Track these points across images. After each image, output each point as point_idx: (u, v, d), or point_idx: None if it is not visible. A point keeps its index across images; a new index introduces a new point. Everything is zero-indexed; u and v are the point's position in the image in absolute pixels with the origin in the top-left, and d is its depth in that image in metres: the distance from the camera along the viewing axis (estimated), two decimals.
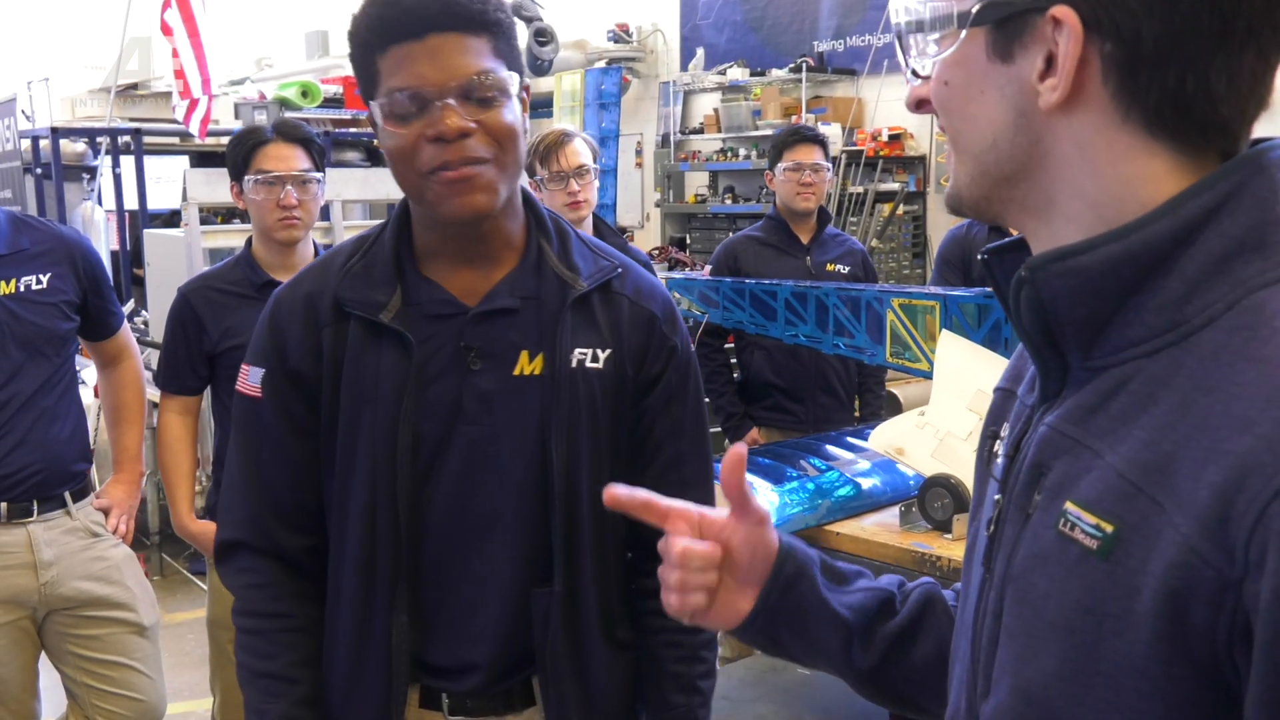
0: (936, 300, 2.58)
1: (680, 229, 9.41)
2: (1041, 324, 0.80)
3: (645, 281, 1.54)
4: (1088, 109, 0.77)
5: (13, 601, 2.49)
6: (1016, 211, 0.84)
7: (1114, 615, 0.72)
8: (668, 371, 1.52)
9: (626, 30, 10.05)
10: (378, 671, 1.46)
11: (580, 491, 1.45)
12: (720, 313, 3.09)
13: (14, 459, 2.43)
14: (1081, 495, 0.75)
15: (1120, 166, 0.77)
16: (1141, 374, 0.75)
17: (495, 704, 1.50)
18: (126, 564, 2.65)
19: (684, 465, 1.54)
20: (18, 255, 2.47)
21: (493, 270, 1.46)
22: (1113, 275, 0.76)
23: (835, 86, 8.61)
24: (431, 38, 1.32)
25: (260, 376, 1.48)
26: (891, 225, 7.67)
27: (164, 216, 6.51)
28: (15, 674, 2.53)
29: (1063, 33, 0.75)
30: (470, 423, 1.43)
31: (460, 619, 1.47)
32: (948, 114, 0.84)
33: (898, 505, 2.34)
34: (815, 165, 3.68)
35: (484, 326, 1.44)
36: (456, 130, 1.32)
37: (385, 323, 1.42)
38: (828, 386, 3.75)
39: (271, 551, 1.50)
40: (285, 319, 1.48)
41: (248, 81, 8.80)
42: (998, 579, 0.84)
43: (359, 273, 1.45)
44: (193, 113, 5.86)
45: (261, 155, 2.67)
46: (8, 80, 7.86)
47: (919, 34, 0.84)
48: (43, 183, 6.68)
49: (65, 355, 2.55)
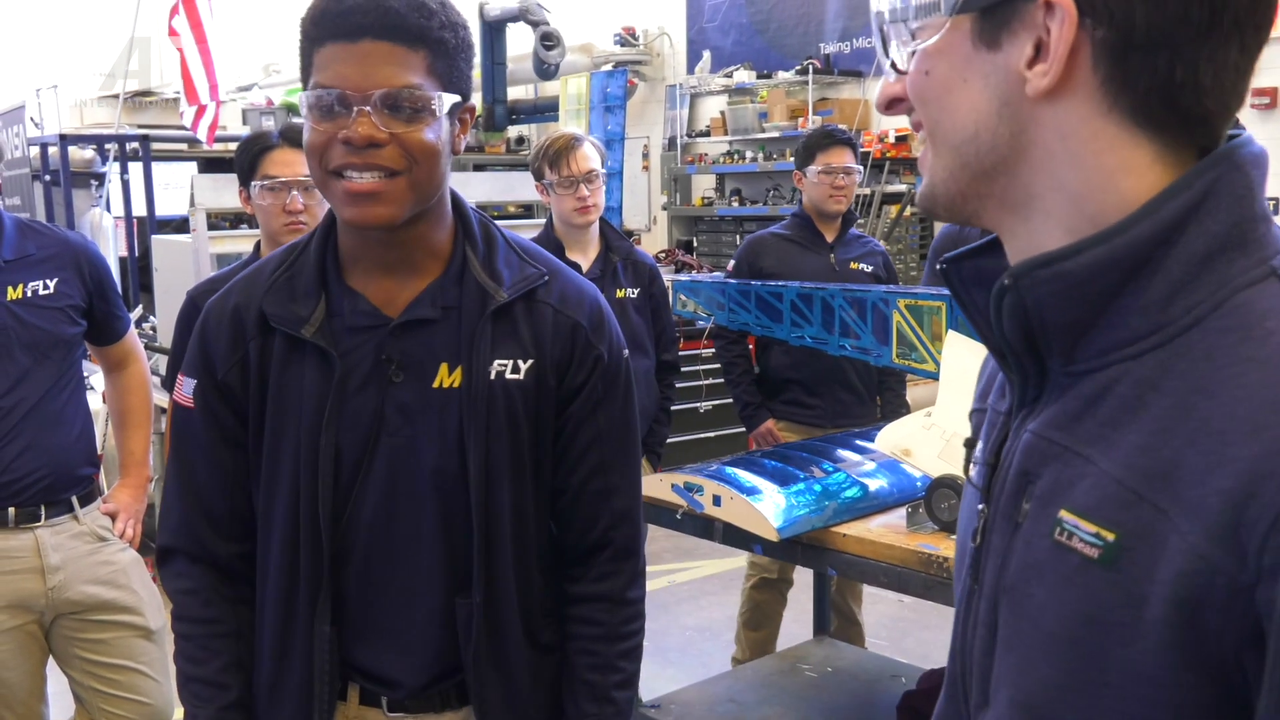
0: (942, 301, 2.57)
1: (687, 232, 9.41)
2: (1023, 331, 0.79)
3: (573, 288, 1.52)
4: (1074, 97, 0.76)
5: (20, 606, 2.50)
6: (994, 208, 0.83)
7: (1119, 624, 0.71)
8: (592, 379, 1.50)
9: (632, 33, 10.07)
10: (300, 680, 1.47)
11: (500, 502, 1.45)
12: (726, 315, 3.08)
13: (21, 464, 2.44)
14: (1077, 503, 0.74)
15: (1103, 157, 0.76)
16: (1128, 377, 0.74)
17: (432, 703, 1.52)
18: (133, 568, 2.66)
19: (610, 472, 1.53)
20: (24, 260, 2.47)
21: (415, 279, 1.45)
22: (1097, 279, 0.75)
23: (841, 88, 8.61)
24: (364, 43, 1.32)
25: (193, 388, 1.50)
26: (898, 227, 7.66)
27: (175, 223, 6.52)
28: (23, 678, 2.53)
29: (1055, 17, 0.74)
30: (391, 434, 1.43)
31: (388, 628, 1.48)
32: (926, 105, 0.83)
33: (904, 507, 2.34)
34: (848, 168, 3.68)
35: (404, 338, 1.43)
36: (364, 139, 1.32)
37: (306, 338, 1.42)
38: (846, 382, 3.74)
39: (205, 558, 1.52)
40: (214, 331, 1.49)
41: (255, 88, 8.83)
42: (988, 589, 0.83)
43: (283, 285, 1.46)
44: (200, 119, 5.88)
45: (268, 161, 2.68)
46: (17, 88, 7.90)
47: (900, 24, 0.83)
48: (51, 189, 6.71)
49: (72, 360, 2.55)
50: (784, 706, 2.88)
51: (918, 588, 2.18)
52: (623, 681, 1.55)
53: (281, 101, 7.78)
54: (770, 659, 3.35)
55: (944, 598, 2.19)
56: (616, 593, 1.55)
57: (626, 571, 1.56)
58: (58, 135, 6.52)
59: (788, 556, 2.41)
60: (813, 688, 3.01)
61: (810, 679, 3.06)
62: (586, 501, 1.54)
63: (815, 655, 3.23)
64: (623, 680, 1.55)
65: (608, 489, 1.53)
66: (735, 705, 2.91)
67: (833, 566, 2.33)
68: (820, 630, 3.48)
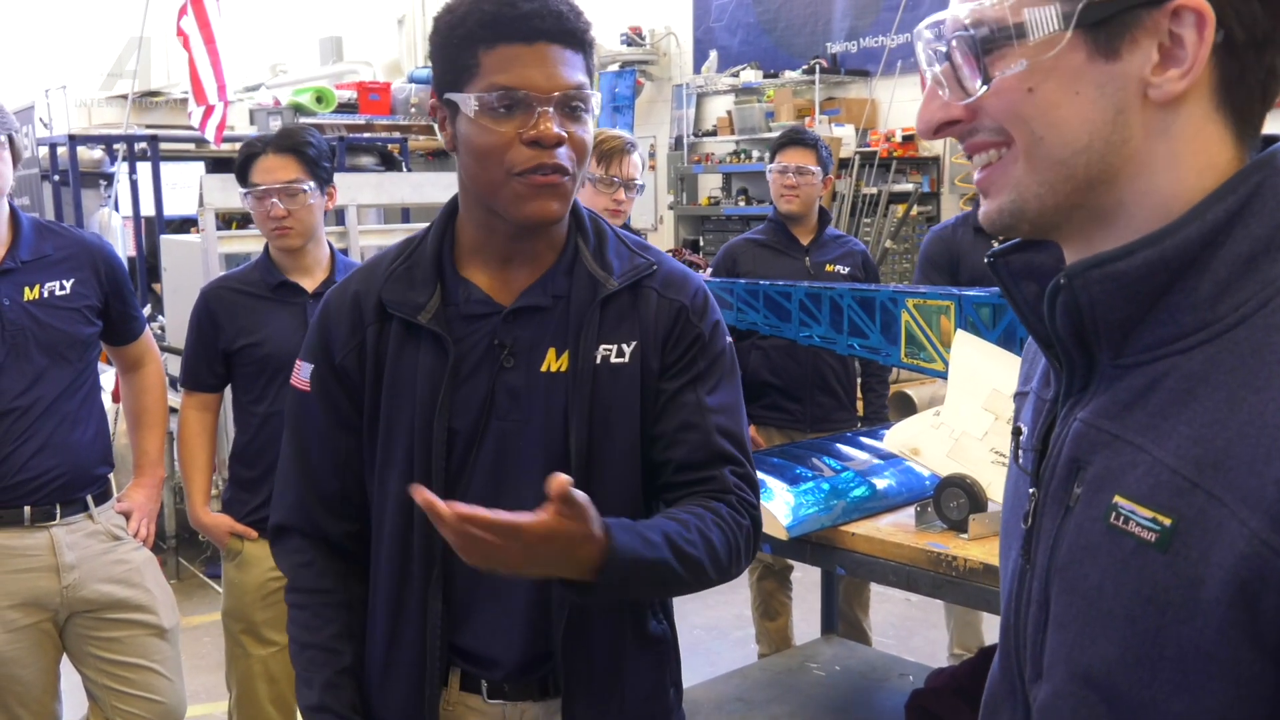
0: (951, 300, 2.58)
1: (694, 231, 9.41)
2: (1075, 326, 0.83)
3: (677, 273, 1.57)
4: (1192, 100, 0.79)
5: (35, 604, 2.51)
6: (1082, 218, 0.84)
7: (1176, 604, 0.75)
8: (690, 354, 1.51)
9: (639, 33, 10.06)
10: (412, 656, 1.52)
11: (604, 484, 1.47)
12: (734, 314, 3.09)
13: (37, 463, 2.46)
14: (1131, 490, 0.79)
15: (1198, 158, 0.80)
16: (1176, 371, 0.78)
17: (531, 689, 1.54)
18: (147, 567, 2.68)
19: (712, 446, 1.48)
20: (41, 261, 2.49)
21: (529, 270, 1.51)
22: (1148, 279, 0.79)
23: (849, 88, 8.61)
24: (541, 45, 1.37)
25: (310, 372, 1.56)
26: (905, 226, 7.66)
27: (174, 223, 6.54)
28: (37, 676, 2.55)
29: (1187, 22, 0.76)
30: (501, 418, 1.49)
31: (493, 608, 1.52)
32: (1028, 122, 0.82)
33: (913, 505, 2.34)
34: (800, 168, 3.69)
35: (516, 324, 1.49)
36: (555, 138, 1.37)
37: (423, 324, 1.47)
38: (825, 385, 3.77)
39: (316, 535, 1.59)
40: (334, 318, 1.55)
41: (263, 88, 8.85)
42: (1040, 569, 0.87)
43: (401, 274, 1.52)
44: (208, 119, 5.89)
45: (254, 168, 2.72)
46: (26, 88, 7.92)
47: (992, 43, 0.82)
48: (60, 189, 6.73)
49: (88, 360, 2.57)
50: (792, 705, 2.89)
51: (927, 586, 2.19)
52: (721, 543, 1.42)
53: (289, 101, 7.79)
54: (778, 657, 3.36)
55: (953, 597, 2.20)
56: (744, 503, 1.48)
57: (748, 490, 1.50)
58: (67, 135, 6.54)
59: (797, 555, 2.42)
60: (821, 686, 3.02)
61: (819, 677, 3.07)
62: (692, 470, 1.48)
63: (824, 654, 3.24)
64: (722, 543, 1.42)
65: (712, 458, 1.47)
66: (743, 704, 2.92)
67: (841, 565, 2.34)
68: (828, 629, 3.49)
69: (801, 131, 3.87)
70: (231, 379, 2.82)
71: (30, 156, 6.83)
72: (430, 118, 1.50)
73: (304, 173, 2.70)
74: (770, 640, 3.91)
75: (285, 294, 2.76)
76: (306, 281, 2.78)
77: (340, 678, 1.54)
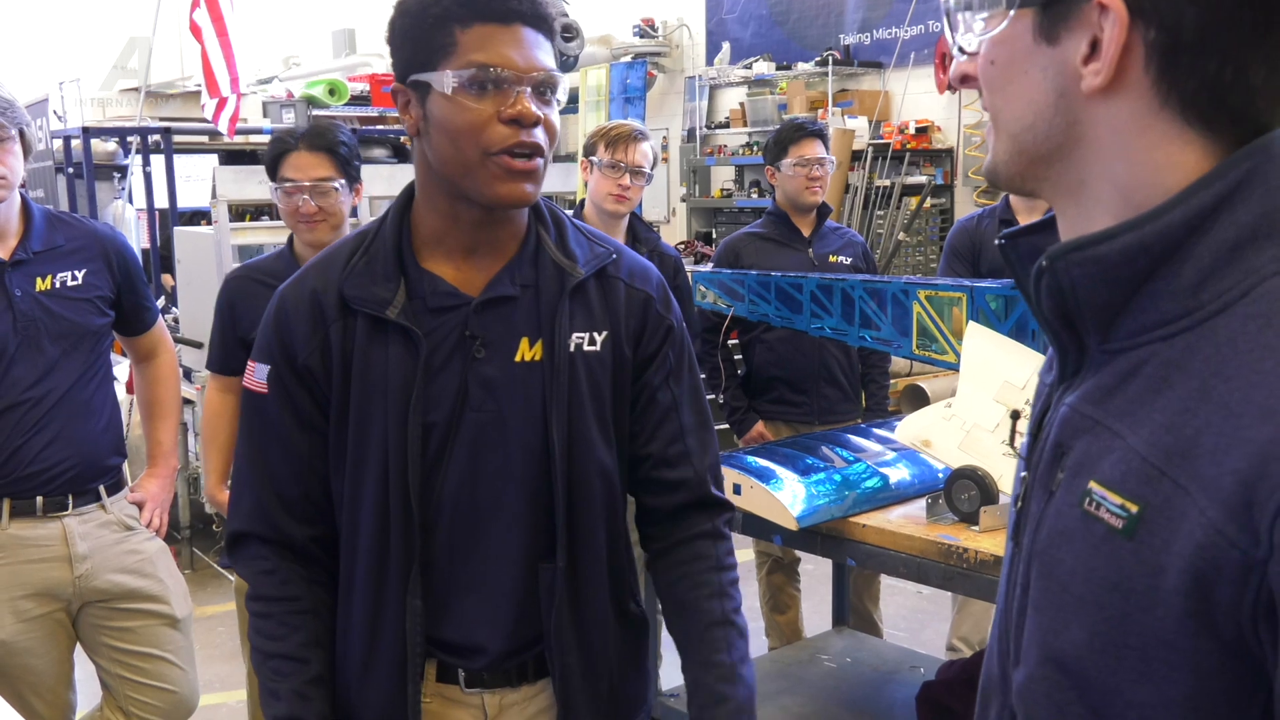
0: (963, 292, 2.57)
1: (706, 223, 9.41)
2: (1060, 310, 0.83)
3: (639, 265, 1.60)
4: (1127, 94, 0.79)
5: (48, 594, 2.53)
6: (1049, 190, 0.87)
7: (1139, 592, 0.75)
8: (664, 348, 1.58)
9: (652, 25, 10.05)
10: (393, 655, 1.50)
11: (583, 468, 1.50)
12: (746, 306, 3.08)
13: (49, 453, 2.47)
14: (1105, 475, 0.78)
15: (1153, 153, 0.79)
16: (1156, 358, 0.78)
17: (509, 676, 1.54)
18: (160, 557, 2.69)
19: (687, 436, 1.59)
20: (53, 252, 2.50)
21: (493, 260, 1.50)
22: (1129, 264, 0.79)
23: (861, 79, 8.58)
24: (516, 26, 1.39)
25: (266, 373, 1.52)
26: (918, 218, 7.63)
27: (187, 215, 6.56)
28: (51, 665, 2.57)
29: (1109, 18, 0.77)
30: (475, 409, 1.47)
31: (472, 599, 1.51)
32: (991, 91, 0.88)
33: (925, 498, 2.34)
34: (821, 159, 3.70)
35: (486, 315, 1.48)
36: (534, 117, 1.38)
37: (391, 319, 1.45)
38: (831, 378, 3.76)
39: (278, 540, 1.54)
40: (291, 316, 1.50)
41: (275, 80, 8.86)
42: (1025, 553, 0.88)
43: (362, 269, 1.49)
44: (221, 111, 5.90)
45: (286, 163, 2.73)
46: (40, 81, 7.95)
47: (967, 11, 0.87)
48: (74, 182, 6.75)
49: (100, 350, 2.58)
50: (803, 696, 2.89)
51: (937, 578, 2.18)
52: (737, 609, 1.58)
53: (301, 94, 7.79)
54: (789, 649, 3.36)
55: (964, 589, 2.20)
56: (714, 529, 1.60)
57: (716, 515, 1.62)
58: (80, 128, 6.57)
59: (807, 546, 2.42)
60: (832, 678, 3.02)
61: (829, 669, 3.07)
62: (668, 466, 1.59)
63: (834, 646, 3.24)
64: (737, 607, 1.58)
65: (687, 452, 1.59)
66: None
67: (852, 557, 2.34)
68: (839, 621, 3.49)
69: (812, 122, 3.87)
70: None
71: (44, 149, 6.85)
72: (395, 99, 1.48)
73: (335, 171, 2.72)
74: (780, 633, 3.91)
75: None
76: None
77: (309, 688, 1.49)
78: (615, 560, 1.57)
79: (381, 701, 1.50)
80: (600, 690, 1.56)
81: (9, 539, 2.47)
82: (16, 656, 2.49)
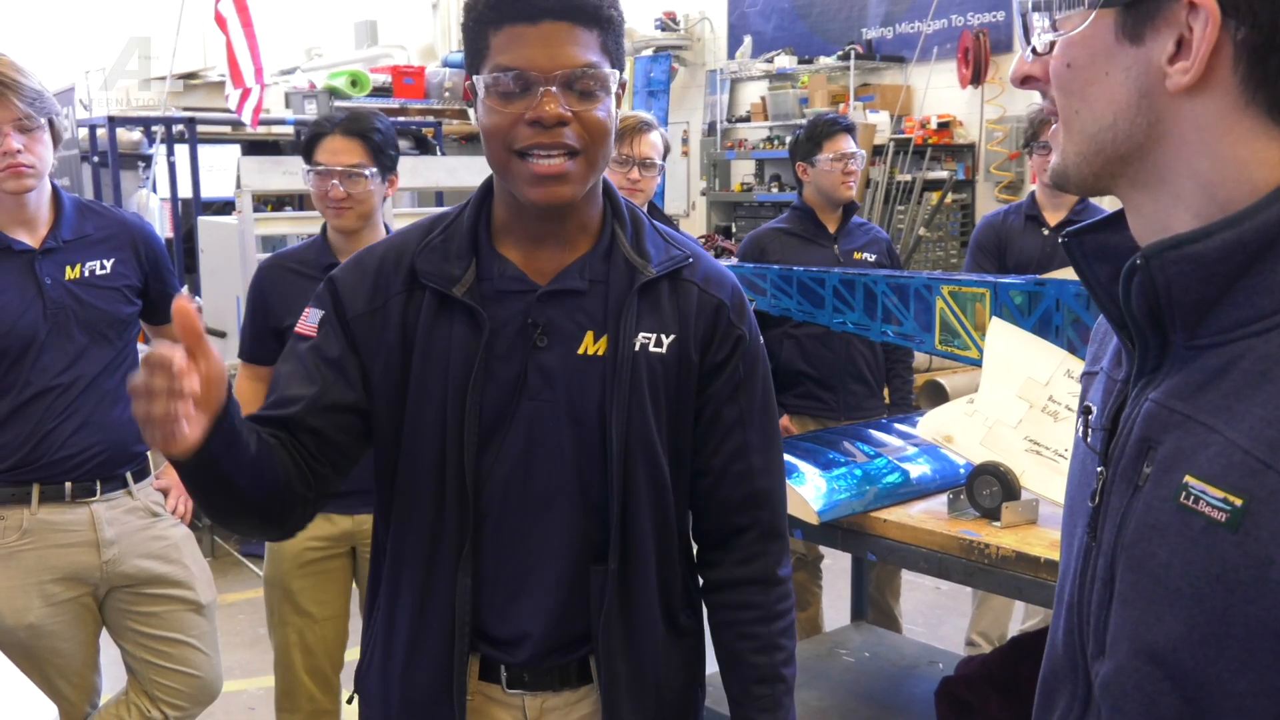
0: (986, 288, 2.56)
1: (726, 217, 9.40)
2: (1151, 307, 0.84)
3: (715, 271, 1.57)
4: (1213, 93, 0.80)
5: (76, 578, 2.56)
6: (1125, 186, 0.88)
7: (1245, 583, 0.76)
8: (734, 359, 1.54)
9: (674, 18, 10.04)
10: (441, 634, 1.49)
11: (639, 472, 1.48)
12: (768, 300, 3.09)
13: (78, 439, 2.50)
14: (1203, 470, 0.79)
15: (1238, 149, 0.80)
16: (1252, 353, 0.79)
17: (551, 679, 1.53)
18: (185, 543, 2.72)
19: (751, 454, 1.55)
20: (83, 241, 2.53)
21: (566, 252, 1.50)
22: (1225, 261, 0.79)
23: (884, 74, 8.55)
24: (545, 23, 1.36)
25: (319, 318, 1.52)
26: (939, 214, 7.61)
27: (214, 206, 6.60)
28: (77, 649, 2.60)
29: (1199, 17, 0.78)
30: (533, 397, 1.47)
31: (517, 590, 1.50)
32: (1066, 94, 0.87)
33: (946, 493, 2.34)
34: (855, 154, 3.71)
35: (551, 305, 1.47)
36: (554, 117, 1.36)
37: (458, 296, 1.45)
38: (858, 374, 3.77)
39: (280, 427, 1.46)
40: (355, 274, 1.52)
41: (298, 71, 8.89)
42: (1106, 547, 0.88)
43: (437, 246, 1.50)
44: (245, 102, 5.93)
45: (319, 147, 2.75)
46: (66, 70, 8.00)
47: (1043, 12, 0.87)
48: (99, 171, 6.80)
49: (127, 338, 2.61)
50: (822, 690, 2.90)
51: (959, 574, 2.19)
52: (787, 659, 1.57)
53: (324, 85, 7.83)
54: (809, 643, 3.36)
55: (985, 584, 2.20)
56: (768, 573, 1.57)
57: (774, 552, 1.58)
58: (106, 117, 6.60)
59: (828, 541, 2.42)
60: (851, 672, 3.02)
61: (848, 664, 3.07)
62: (729, 484, 1.56)
63: (854, 640, 3.24)
64: (786, 658, 1.57)
65: (750, 471, 1.55)
66: None
67: (873, 551, 2.34)
68: (858, 616, 3.49)
69: (843, 118, 3.87)
70: None
71: (70, 138, 6.90)
72: (465, 101, 1.50)
73: (368, 158, 2.73)
74: (800, 629, 3.92)
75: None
76: None
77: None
78: (665, 570, 1.54)
79: (427, 681, 1.50)
80: (647, 702, 1.54)
81: (38, 524, 2.50)
82: (44, 640, 2.52)
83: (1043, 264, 3.60)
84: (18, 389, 2.44)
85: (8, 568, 2.49)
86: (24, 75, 2.37)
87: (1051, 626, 1.00)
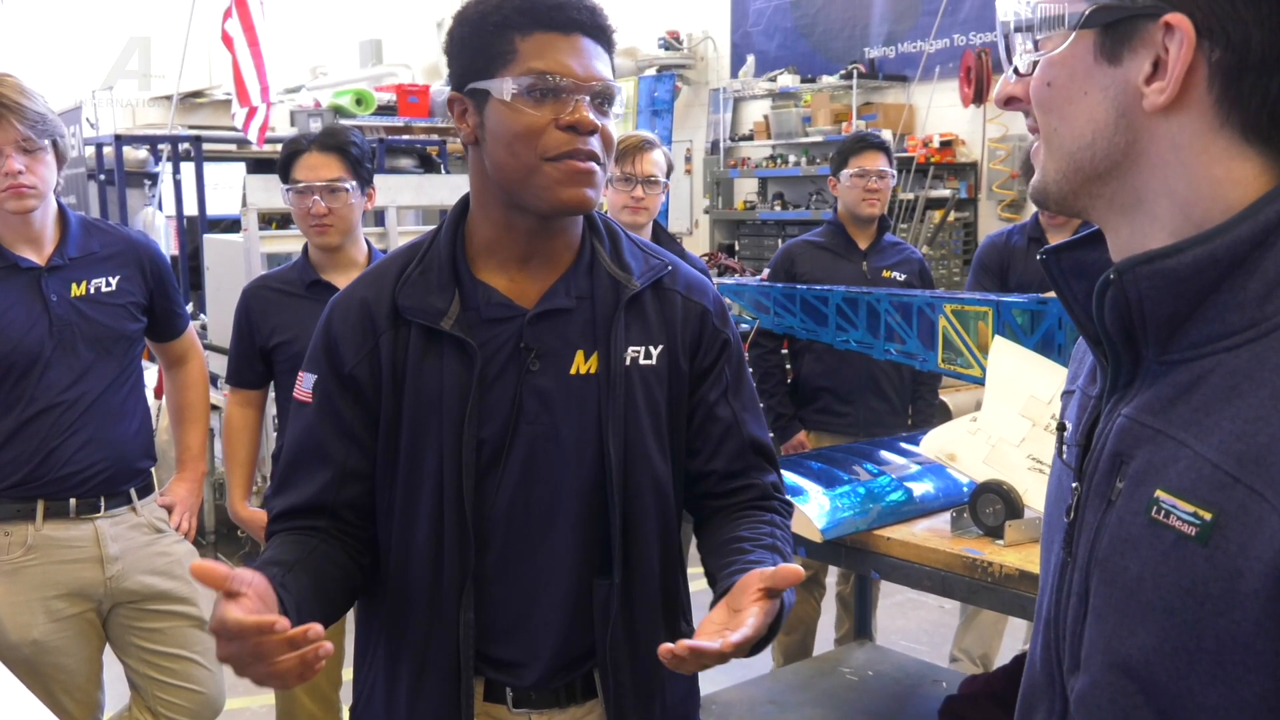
0: (989, 306, 2.57)
1: (729, 236, 9.42)
2: (1123, 322, 0.85)
3: (695, 278, 1.59)
4: (1189, 112, 0.81)
5: (80, 594, 2.56)
6: (1103, 208, 0.88)
7: (1215, 596, 0.77)
8: (720, 362, 1.56)
9: (677, 37, 10.08)
10: (446, 670, 1.48)
11: (640, 484, 1.48)
12: (772, 318, 3.10)
13: (83, 456, 2.50)
14: (1173, 484, 0.80)
15: (1213, 169, 0.81)
16: (1221, 368, 0.80)
17: (558, 696, 1.52)
18: (188, 559, 2.71)
19: (747, 455, 1.57)
20: (88, 258, 2.54)
21: (547, 272, 1.49)
22: (1197, 277, 0.80)
23: (886, 93, 8.58)
24: (576, 36, 1.40)
25: (312, 383, 1.51)
26: (942, 232, 7.63)
27: (220, 224, 6.62)
28: (81, 665, 2.60)
29: (1174, 38, 0.79)
30: (530, 422, 1.46)
31: (524, 613, 1.50)
32: (1046, 112, 0.89)
33: (949, 511, 2.34)
34: (881, 172, 3.70)
35: (541, 327, 1.47)
36: (593, 124, 1.38)
37: (446, 330, 1.44)
38: (878, 390, 3.75)
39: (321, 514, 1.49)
40: (340, 325, 1.50)
41: (303, 89, 8.94)
42: (1081, 562, 0.89)
43: (417, 279, 1.48)
44: (251, 120, 5.96)
45: (297, 165, 2.77)
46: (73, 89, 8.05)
47: (1024, 34, 0.89)
48: (106, 188, 6.83)
49: (132, 355, 2.62)
50: (824, 709, 2.89)
51: (962, 592, 2.19)
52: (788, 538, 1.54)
53: (329, 103, 7.87)
54: (810, 661, 3.36)
55: (988, 602, 2.20)
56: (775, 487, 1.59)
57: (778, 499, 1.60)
58: (113, 135, 6.64)
59: (831, 559, 2.42)
60: (853, 690, 3.02)
61: (851, 682, 3.07)
62: (733, 480, 1.57)
63: (856, 658, 3.24)
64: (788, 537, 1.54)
65: (747, 468, 1.58)
66: (775, 706, 2.92)
67: (876, 569, 2.34)
68: (861, 634, 3.48)
69: (874, 135, 3.87)
70: (273, 377, 2.87)
71: (77, 156, 6.93)
72: (448, 112, 1.48)
73: (346, 172, 2.74)
74: (781, 653, 3.83)
75: (319, 292, 2.79)
76: (341, 280, 2.81)
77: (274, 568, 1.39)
78: (668, 578, 1.55)
79: (432, 713, 1.49)
80: (652, 711, 1.54)
81: (42, 540, 2.50)
82: (49, 655, 2.52)
83: (1045, 285, 3.60)
84: (23, 405, 2.45)
85: (12, 583, 2.49)
86: (28, 98, 2.39)
87: (1030, 643, 1.00)
